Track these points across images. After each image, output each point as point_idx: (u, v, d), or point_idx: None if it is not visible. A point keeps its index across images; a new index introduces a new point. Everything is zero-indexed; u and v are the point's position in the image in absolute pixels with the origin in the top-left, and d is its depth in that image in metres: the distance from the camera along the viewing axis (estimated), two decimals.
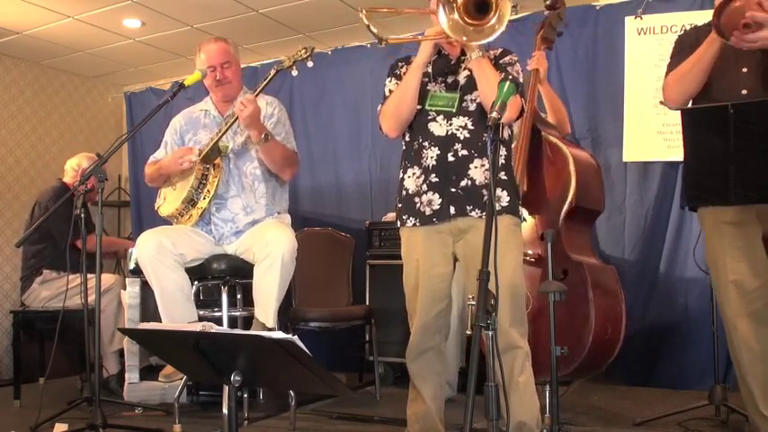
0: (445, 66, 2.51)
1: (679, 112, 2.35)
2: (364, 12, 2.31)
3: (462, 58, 2.46)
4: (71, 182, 4.25)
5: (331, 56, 4.94)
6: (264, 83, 3.05)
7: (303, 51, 2.98)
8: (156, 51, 5.14)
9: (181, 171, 3.14)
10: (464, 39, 2.25)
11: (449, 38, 2.29)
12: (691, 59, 2.34)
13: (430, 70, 2.51)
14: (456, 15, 2.22)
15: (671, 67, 2.47)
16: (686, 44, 2.45)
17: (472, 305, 2.27)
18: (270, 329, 2.88)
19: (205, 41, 3.28)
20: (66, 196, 3.42)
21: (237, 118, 3.02)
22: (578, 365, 2.97)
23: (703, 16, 2.53)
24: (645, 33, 3.94)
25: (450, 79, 2.48)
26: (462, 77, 2.46)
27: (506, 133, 2.47)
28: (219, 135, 3.08)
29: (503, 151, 2.41)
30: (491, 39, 2.22)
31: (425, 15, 2.45)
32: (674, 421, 2.98)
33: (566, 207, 3.10)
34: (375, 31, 2.30)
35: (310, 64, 2.99)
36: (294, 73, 3.03)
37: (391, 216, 4.16)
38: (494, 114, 1.85)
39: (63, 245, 4.01)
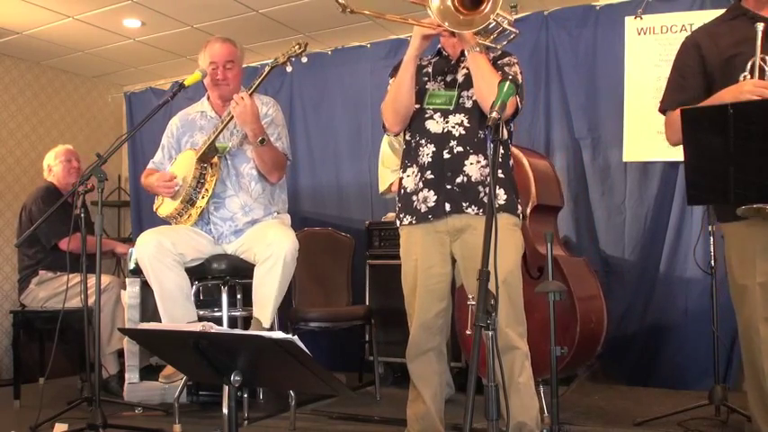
0: (445, 66, 2.52)
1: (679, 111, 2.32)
2: None
3: (462, 58, 2.46)
4: (50, 179, 4.25)
5: (331, 56, 4.94)
6: (259, 80, 3.02)
7: (297, 47, 2.96)
8: (156, 51, 5.14)
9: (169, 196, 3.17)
10: (446, 24, 2.23)
11: (440, 26, 2.28)
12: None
13: (430, 70, 2.52)
14: (449, 2, 2.22)
15: (675, 92, 2.31)
16: (688, 67, 2.29)
17: (472, 305, 2.26)
18: (266, 329, 2.88)
19: (213, 39, 3.24)
20: (64, 198, 3.41)
21: (233, 117, 3.01)
22: (570, 359, 2.98)
23: (703, 16, 2.51)
24: (645, 33, 3.94)
25: (449, 78, 2.49)
26: (461, 75, 2.46)
27: (506, 132, 2.46)
28: (216, 134, 3.07)
29: (500, 149, 2.40)
30: (479, 28, 2.23)
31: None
32: (674, 421, 2.97)
33: (529, 207, 3.11)
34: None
35: (305, 59, 2.97)
36: (289, 69, 3.01)
37: (391, 216, 4.15)
38: (494, 114, 1.85)
39: (47, 244, 4.02)
